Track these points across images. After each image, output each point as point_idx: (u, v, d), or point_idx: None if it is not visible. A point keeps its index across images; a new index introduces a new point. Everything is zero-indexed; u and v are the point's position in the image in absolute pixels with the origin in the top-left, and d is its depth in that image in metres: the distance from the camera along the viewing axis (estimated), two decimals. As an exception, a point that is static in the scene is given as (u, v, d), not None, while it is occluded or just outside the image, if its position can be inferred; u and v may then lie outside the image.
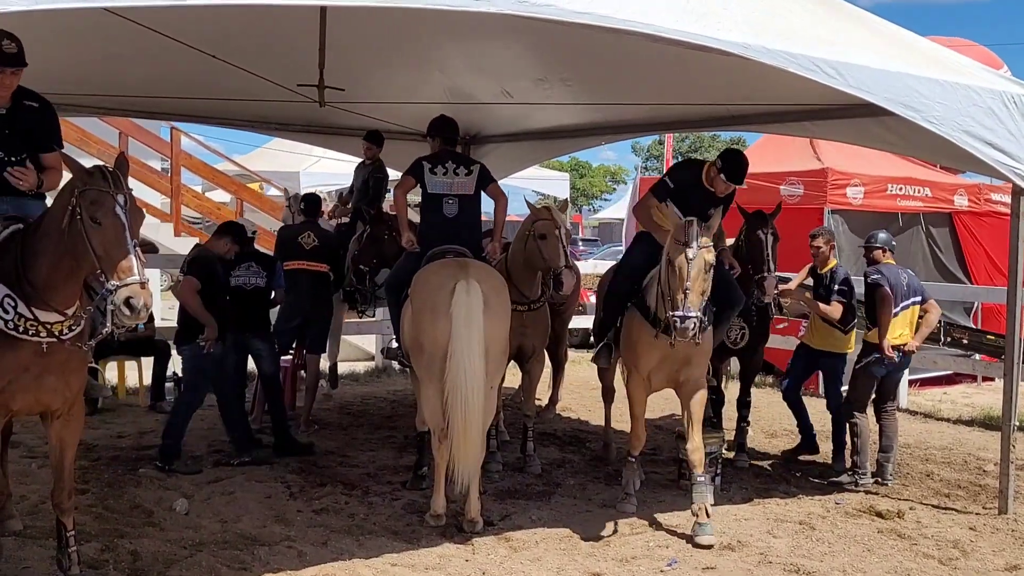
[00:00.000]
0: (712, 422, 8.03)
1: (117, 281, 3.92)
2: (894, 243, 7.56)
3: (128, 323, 3.98)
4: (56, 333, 4.31)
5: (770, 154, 12.21)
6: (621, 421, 9.32)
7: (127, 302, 3.90)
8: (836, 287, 7.50)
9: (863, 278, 7.37)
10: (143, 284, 3.94)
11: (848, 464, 7.34)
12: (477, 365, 5.65)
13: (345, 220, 9.43)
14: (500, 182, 7.24)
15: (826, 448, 7.93)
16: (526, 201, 7.51)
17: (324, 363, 9.22)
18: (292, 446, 7.54)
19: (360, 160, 9.57)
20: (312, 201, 9.04)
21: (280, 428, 7.60)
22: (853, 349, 7.73)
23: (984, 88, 6.04)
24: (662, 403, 10.23)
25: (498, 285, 6.06)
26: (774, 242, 7.16)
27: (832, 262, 7.66)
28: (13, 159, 4.76)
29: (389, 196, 9.97)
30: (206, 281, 7.11)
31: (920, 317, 7.26)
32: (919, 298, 7.24)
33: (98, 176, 4.07)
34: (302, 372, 8.97)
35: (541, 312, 7.31)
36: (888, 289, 7.03)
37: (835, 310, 7.48)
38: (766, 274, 7.10)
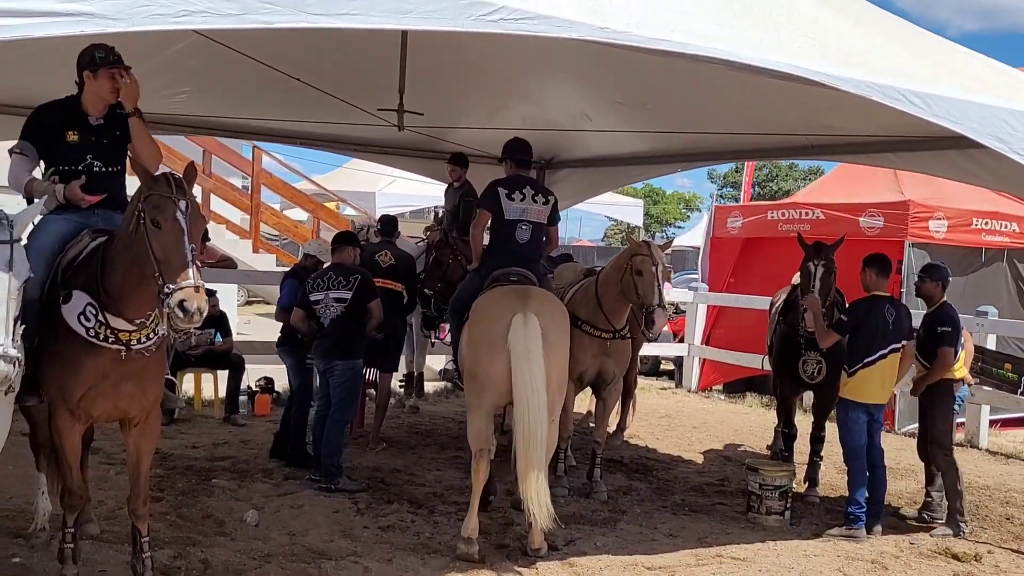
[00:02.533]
0: (783, 455, 7.94)
1: (173, 284, 4.02)
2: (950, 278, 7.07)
3: (182, 326, 4.07)
4: (124, 341, 4.42)
5: (850, 184, 12.03)
6: (689, 450, 9.26)
7: (181, 305, 3.98)
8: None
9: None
10: (197, 288, 4.01)
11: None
12: (541, 400, 5.54)
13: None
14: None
15: (896, 487, 7.73)
16: (627, 235, 7.48)
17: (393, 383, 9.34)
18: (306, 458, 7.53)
19: (448, 184, 9.67)
20: (388, 222, 9.18)
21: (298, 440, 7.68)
22: (871, 398, 6.63)
23: (1076, 122, 5.88)
24: (731, 434, 10.14)
25: (558, 316, 5.97)
26: (824, 274, 7.03)
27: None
28: (110, 169, 4.94)
29: None
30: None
31: None
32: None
33: (162, 182, 4.19)
34: (371, 391, 9.07)
35: (625, 341, 7.26)
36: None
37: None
38: (804, 305, 7.04)
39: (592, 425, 8.00)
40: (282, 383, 10.63)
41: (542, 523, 5.58)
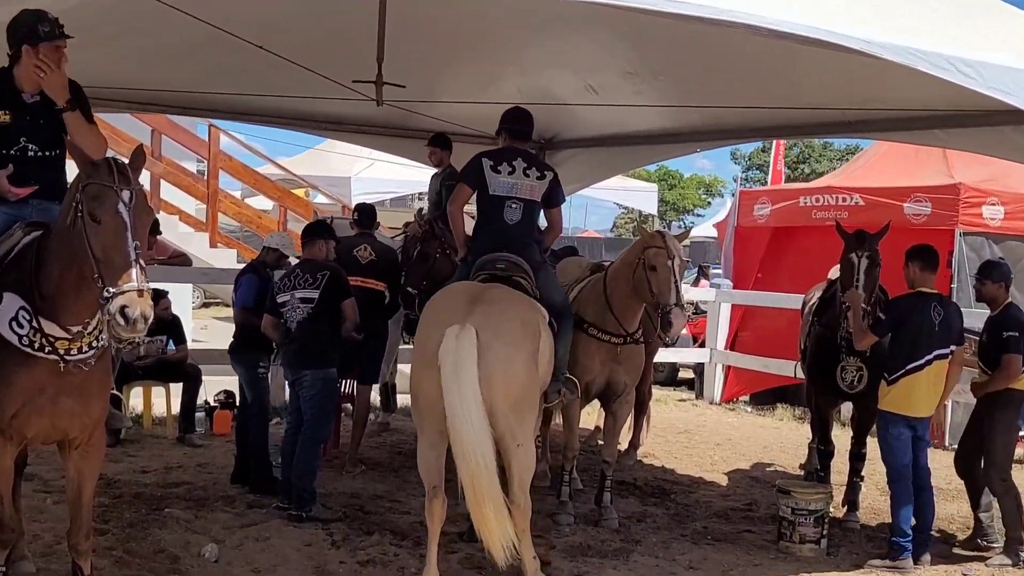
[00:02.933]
0: (819, 476, 7.95)
1: (114, 288, 3.99)
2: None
3: (125, 336, 4.02)
4: (60, 351, 4.40)
5: (892, 165, 12.04)
6: (711, 471, 9.27)
7: (122, 311, 3.95)
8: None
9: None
10: (141, 292, 3.98)
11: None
12: (475, 426, 5.32)
13: None
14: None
15: (947, 510, 7.74)
16: (639, 225, 7.44)
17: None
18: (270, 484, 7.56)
19: (433, 171, 9.65)
20: (366, 212, 9.15)
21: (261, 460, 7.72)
22: (915, 411, 6.66)
23: None
24: (759, 451, 10.16)
25: (512, 326, 5.68)
26: (869, 267, 7.03)
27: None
28: (47, 153, 4.92)
29: None
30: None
31: None
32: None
33: (103, 169, 4.15)
34: (348, 405, 9.07)
35: (638, 347, 7.24)
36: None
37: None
38: (846, 302, 7.06)
39: (601, 443, 8.01)
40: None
41: (499, 562, 5.46)
